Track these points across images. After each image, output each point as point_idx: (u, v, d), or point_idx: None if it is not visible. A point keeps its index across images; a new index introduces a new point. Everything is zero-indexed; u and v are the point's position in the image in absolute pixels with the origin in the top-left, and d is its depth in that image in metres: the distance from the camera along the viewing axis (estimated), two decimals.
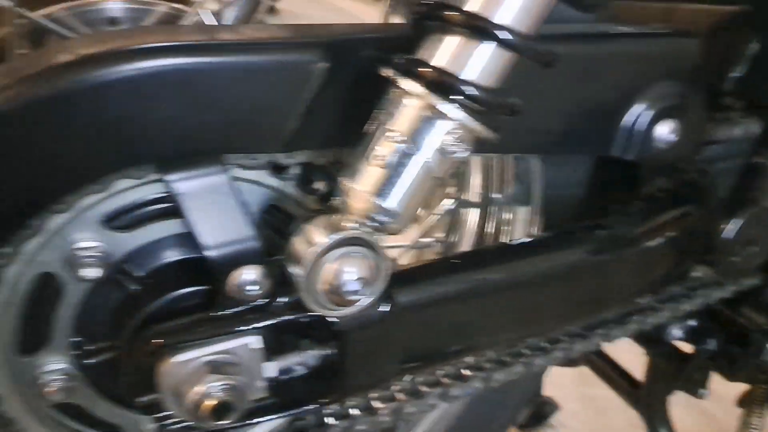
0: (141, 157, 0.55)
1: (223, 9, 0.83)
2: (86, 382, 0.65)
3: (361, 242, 0.58)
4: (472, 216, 1.02)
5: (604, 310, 0.84)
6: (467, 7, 0.51)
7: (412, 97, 0.52)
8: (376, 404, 0.82)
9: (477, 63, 0.52)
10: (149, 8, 0.89)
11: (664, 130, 0.74)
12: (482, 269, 0.69)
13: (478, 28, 0.51)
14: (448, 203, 0.99)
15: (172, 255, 0.65)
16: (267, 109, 0.57)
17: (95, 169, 0.54)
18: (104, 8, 0.88)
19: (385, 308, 0.65)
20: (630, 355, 1.29)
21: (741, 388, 1.17)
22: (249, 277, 0.60)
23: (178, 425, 0.63)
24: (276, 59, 0.56)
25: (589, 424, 1.60)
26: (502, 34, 0.51)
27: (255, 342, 0.62)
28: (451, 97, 0.51)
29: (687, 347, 1.13)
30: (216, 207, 0.58)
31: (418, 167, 0.54)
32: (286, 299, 0.63)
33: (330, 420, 0.72)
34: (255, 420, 0.66)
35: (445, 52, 0.52)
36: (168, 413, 0.63)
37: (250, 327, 0.61)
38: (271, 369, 0.64)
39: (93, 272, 0.59)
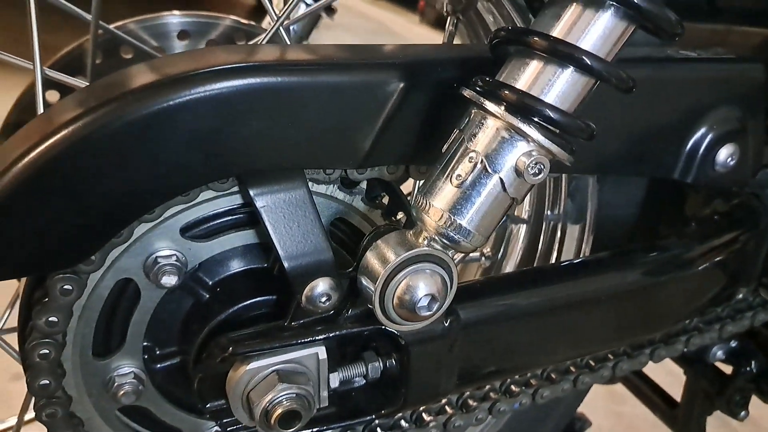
0: (228, 170, 0.57)
1: (289, 24, 0.85)
2: (154, 386, 0.67)
3: (433, 259, 0.59)
4: (522, 232, 1.03)
5: (656, 330, 0.85)
6: (553, 33, 0.52)
7: (493, 118, 0.54)
8: (426, 417, 0.83)
9: (558, 87, 0.53)
10: (215, 21, 0.92)
11: (724, 154, 0.75)
12: (544, 287, 0.70)
13: (562, 54, 0.52)
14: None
15: (242, 265, 0.67)
16: (347, 127, 0.59)
17: (186, 182, 0.56)
18: (171, 22, 0.90)
19: (448, 323, 0.66)
20: (663, 375, 1.29)
21: None
22: (323, 288, 0.61)
23: (245, 431, 0.65)
24: (358, 80, 0.58)
25: None
26: (585, 61, 0.52)
27: (322, 352, 0.63)
28: (532, 118, 0.53)
29: (727, 368, 1.13)
30: (295, 220, 0.60)
31: (495, 188, 0.55)
32: (354, 311, 0.64)
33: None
34: (316, 429, 0.67)
35: (526, 75, 0.54)
36: (231, 419, 0.65)
37: (320, 338, 0.63)
38: (336, 379, 0.65)
39: (171, 280, 0.61)
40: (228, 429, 0.65)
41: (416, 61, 0.60)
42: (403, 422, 0.83)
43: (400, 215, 0.70)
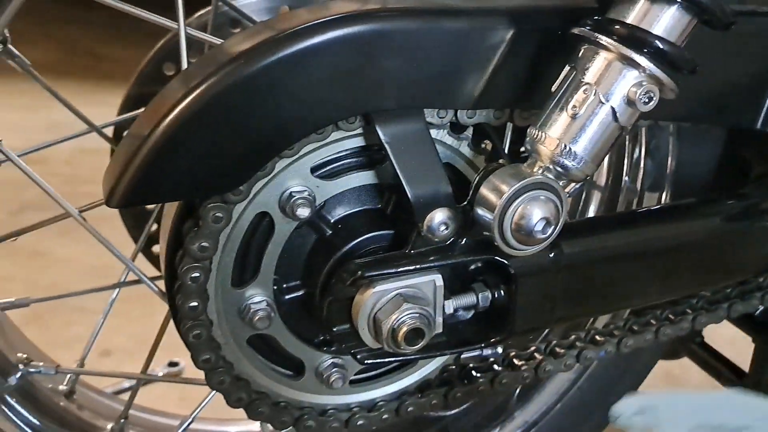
0: (360, 107, 0.64)
1: None
2: (280, 317, 0.74)
3: (546, 186, 0.65)
4: (598, 199, 1.07)
5: (735, 277, 0.89)
6: None
7: (605, 51, 0.60)
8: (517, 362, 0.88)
9: (664, 22, 0.59)
10: None
11: None
12: (641, 228, 0.76)
13: None
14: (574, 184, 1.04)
15: (361, 205, 0.73)
16: (462, 70, 0.66)
17: (324, 118, 0.63)
18: None
19: (553, 255, 0.72)
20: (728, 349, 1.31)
21: None
22: (441, 218, 0.67)
23: (367, 353, 0.71)
24: (474, 26, 0.64)
25: None
26: None
27: (439, 279, 0.69)
28: (642, 49, 0.59)
29: None
30: (417, 153, 0.66)
31: (607, 117, 0.61)
32: (468, 241, 0.70)
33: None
34: (431, 354, 0.73)
35: (635, 12, 0.60)
36: (355, 342, 0.71)
37: (437, 264, 0.69)
38: (450, 306, 0.71)
39: (304, 212, 0.68)
40: (352, 352, 0.71)
41: (526, 9, 0.66)
42: (495, 366, 0.88)
43: (502, 162, 0.76)
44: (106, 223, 1.07)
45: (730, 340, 1.30)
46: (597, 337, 0.91)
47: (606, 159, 1.03)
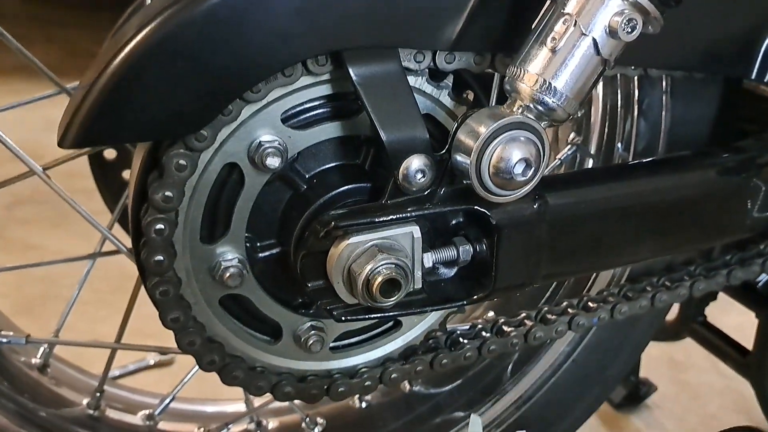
0: (329, 44, 0.61)
1: None
2: (254, 276, 0.71)
3: (525, 126, 0.62)
4: (590, 166, 1.04)
5: (732, 235, 0.85)
6: None
7: None
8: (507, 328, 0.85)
9: None
10: None
11: None
12: (629, 181, 0.72)
13: None
14: (566, 150, 1.01)
15: (336, 158, 0.70)
16: (439, 8, 0.63)
17: (290, 54, 0.60)
18: None
19: (537, 206, 0.69)
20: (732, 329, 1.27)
21: None
22: (418, 165, 0.64)
23: (344, 310, 0.68)
24: None
25: (684, 407, 1.58)
26: None
27: (416, 231, 0.66)
28: None
29: None
30: (392, 97, 0.63)
31: (589, 49, 0.58)
32: (446, 191, 0.67)
33: None
34: (410, 311, 0.70)
35: None
36: (330, 299, 0.67)
37: (414, 214, 0.66)
38: (429, 260, 0.68)
39: (274, 161, 0.65)
40: (327, 309, 0.68)
41: None
42: (484, 333, 0.85)
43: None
44: (84, 195, 1.05)
45: (737, 327, 1.26)
46: (590, 303, 0.88)
47: (598, 123, 1.01)
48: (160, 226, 0.64)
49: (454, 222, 0.70)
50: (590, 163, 1.02)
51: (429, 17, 0.63)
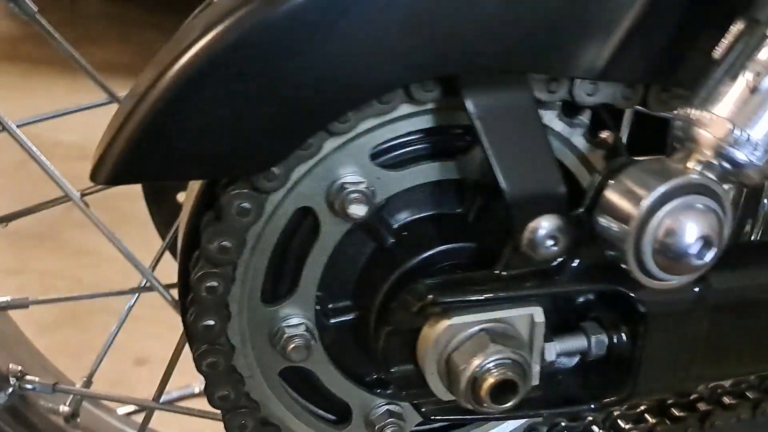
0: (440, 66, 0.46)
1: None
2: (323, 346, 0.57)
3: (706, 190, 0.45)
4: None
5: None
6: None
7: None
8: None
9: None
10: None
11: None
12: None
13: None
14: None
15: (434, 207, 0.56)
16: (586, 22, 0.47)
17: (390, 76, 0.45)
18: None
19: (698, 291, 0.52)
20: None
21: None
22: (549, 228, 0.49)
23: (436, 407, 0.53)
24: None
25: None
26: None
27: (538, 314, 0.51)
28: None
29: None
30: (520, 135, 0.48)
31: None
32: (581, 263, 0.51)
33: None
34: (521, 414, 0.54)
35: None
36: (420, 389, 0.53)
37: (538, 292, 0.50)
38: (552, 351, 0.52)
39: (359, 210, 0.50)
40: (414, 402, 0.53)
41: None
42: (595, 428, 0.68)
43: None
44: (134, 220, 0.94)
45: None
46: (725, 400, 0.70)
47: None
48: (213, 283, 0.51)
49: (582, 301, 0.54)
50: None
51: (572, 37, 0.48)
